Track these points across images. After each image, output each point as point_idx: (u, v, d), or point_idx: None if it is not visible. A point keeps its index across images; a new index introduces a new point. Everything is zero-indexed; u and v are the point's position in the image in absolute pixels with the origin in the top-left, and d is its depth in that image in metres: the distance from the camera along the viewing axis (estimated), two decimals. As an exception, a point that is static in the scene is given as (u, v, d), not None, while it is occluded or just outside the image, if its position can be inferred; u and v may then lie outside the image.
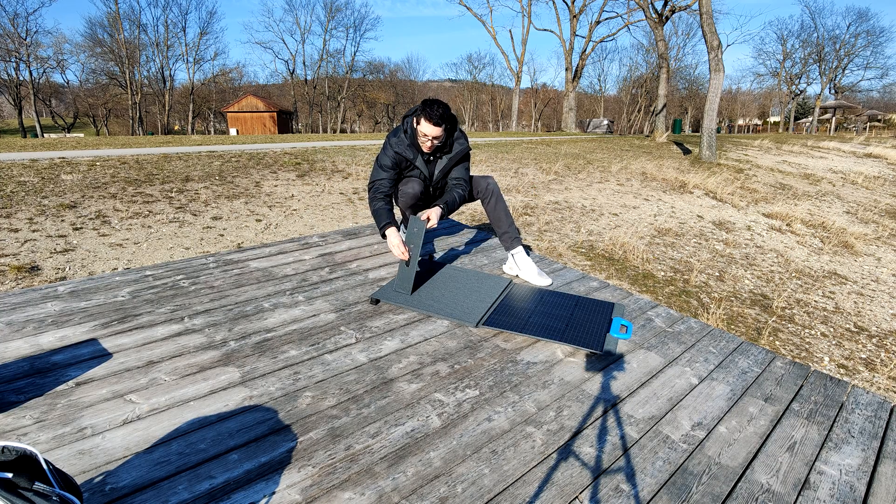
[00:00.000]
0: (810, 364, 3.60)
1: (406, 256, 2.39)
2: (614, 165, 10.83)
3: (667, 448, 1.49)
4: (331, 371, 1.75)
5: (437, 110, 2.40)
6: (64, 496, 0.83)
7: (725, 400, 1.76)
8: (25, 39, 32.12)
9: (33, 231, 4.28)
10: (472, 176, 2.82)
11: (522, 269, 2.72)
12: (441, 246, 3.22)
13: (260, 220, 5.14)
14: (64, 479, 0.88)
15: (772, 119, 49.96)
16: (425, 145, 2.51)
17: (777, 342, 3.86)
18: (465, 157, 2.71)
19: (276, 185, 6.61)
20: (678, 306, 4.18)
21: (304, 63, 50.80)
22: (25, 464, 0.81)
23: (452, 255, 3.06)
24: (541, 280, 2.66)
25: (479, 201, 2.94)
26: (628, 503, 1.28)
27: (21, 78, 33.17)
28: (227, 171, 7.24)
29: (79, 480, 1.20)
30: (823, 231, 7.52)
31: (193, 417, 1.46)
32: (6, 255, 3.77)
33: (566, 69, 31.54)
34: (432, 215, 2.44)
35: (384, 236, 2.50)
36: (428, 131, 2.44)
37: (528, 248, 3.12)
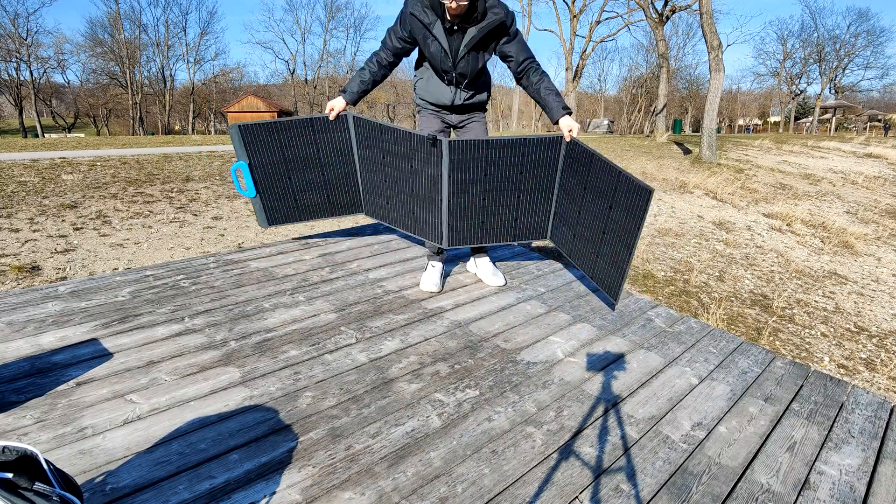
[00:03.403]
0: (810, 364, 3.59)
1: (332, 116, 2.40)
2: (614, 165, 10.80)
3: (667, 448, 1.49)
4: (331, 371, 1.75)
5: None
6: (64, 496, 0.83)
7: (725, 400, 1.76)
8: (26, 39, 32.13)
9: (34, 231, 4.28)
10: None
11: (480, 268, 2.73)
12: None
13: (260, 220, 5.13)
14: (64, 479, 0.88)
15: (772, 119, 49.90)
16: (449, 10, 2.04)
17: (777, 342, 3.86)
18: (502, 29, 2.17)
19: (276, 185, 6.61)
20: (678, 306, 4.18)
21: (304, 63, 50.86)
22: (26, 464, 0.81)
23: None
24: (495, 280, 2.65)
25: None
26: (628, 503, 1.28)
27: (22, 78, 33.17)
28: (227, 170, 7.24)
29: (79, 480, 1.20)
30: (824, 231, 7.52)
31: (194, 417, 1.46)
32: (7, 255, 3.77)
33: (566, 69, 31.50)
34: (574, 129, 2.22)
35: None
36: None
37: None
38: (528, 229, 2.46)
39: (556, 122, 2.25)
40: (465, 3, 2.00)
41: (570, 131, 2.24)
